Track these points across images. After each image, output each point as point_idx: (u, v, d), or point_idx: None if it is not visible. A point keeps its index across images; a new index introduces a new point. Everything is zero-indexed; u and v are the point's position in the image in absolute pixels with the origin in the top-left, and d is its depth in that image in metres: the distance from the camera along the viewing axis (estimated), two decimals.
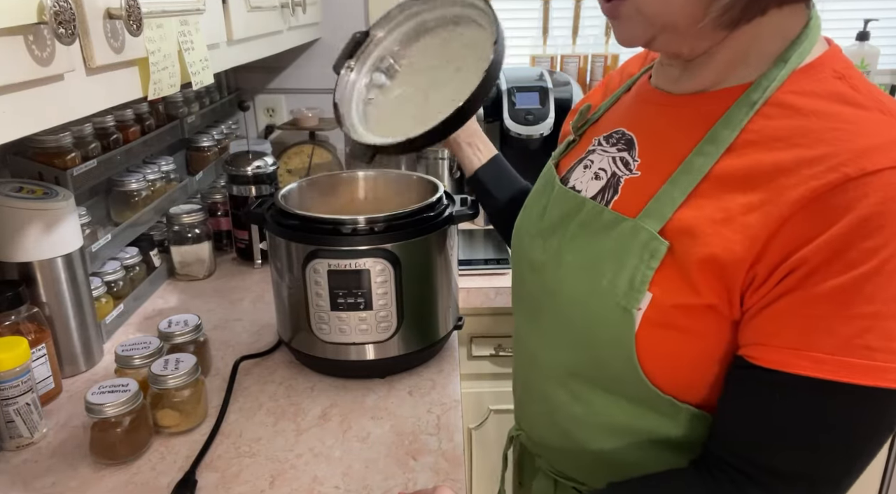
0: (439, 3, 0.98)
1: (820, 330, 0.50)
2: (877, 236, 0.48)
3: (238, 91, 1.78)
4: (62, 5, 0.50)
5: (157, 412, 0.83)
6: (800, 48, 0.55)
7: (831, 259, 0.49)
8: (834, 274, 0.49)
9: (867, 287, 0.49)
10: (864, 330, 0.49)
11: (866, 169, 0.48)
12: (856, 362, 0.49)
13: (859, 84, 0.54)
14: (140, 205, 1.22)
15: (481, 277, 1.31)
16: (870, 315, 0.49)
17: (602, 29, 1.72)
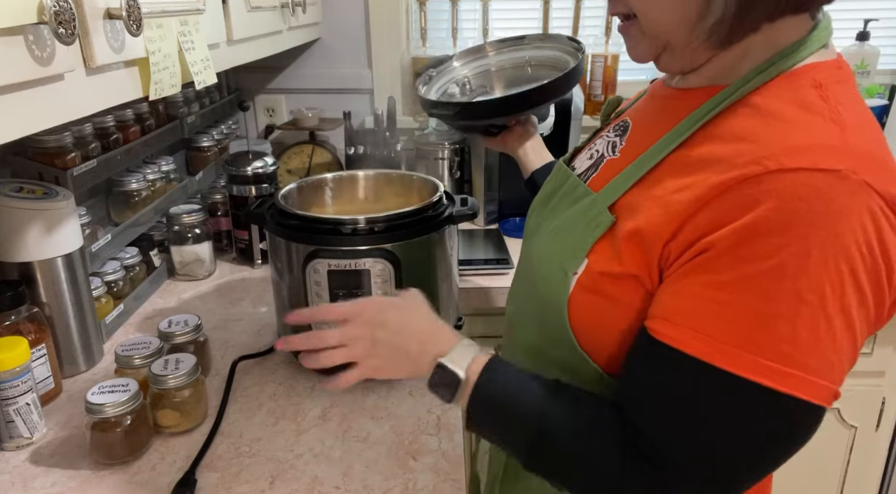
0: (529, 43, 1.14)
1: (717, 316, 0.51)
2: (781, 234, 0.49)
3: (238, 91, 1.78)
4: (62, 5, 0.50)
5: (157, 412, 0.83)
6: (792, 54, 0.56)
7: (737, 247, 0.50)
8: (737, 263, 0.50)
9: (764, 283, 0.49)
10: (756, 326, 0.50)
11: (784, 165, 0.49)
12: (741, 354, 0.50)
13: (832, 95, 0.54)
14: (140, 205, 1.22)
15: (481, 277, 1.31)
16: (763, 312, 0.49)
17: (602, 29, 1.72)
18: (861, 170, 0.48)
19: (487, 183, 1.57)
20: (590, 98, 1.74)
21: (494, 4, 1.71)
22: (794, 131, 0.52)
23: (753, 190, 0.50)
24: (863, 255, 0.48)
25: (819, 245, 0.48)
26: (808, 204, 0.48)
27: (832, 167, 0.48)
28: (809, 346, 0.49)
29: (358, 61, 1.75)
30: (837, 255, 0.48)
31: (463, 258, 1.34)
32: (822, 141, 0.50)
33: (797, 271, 0.48)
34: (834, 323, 0.49)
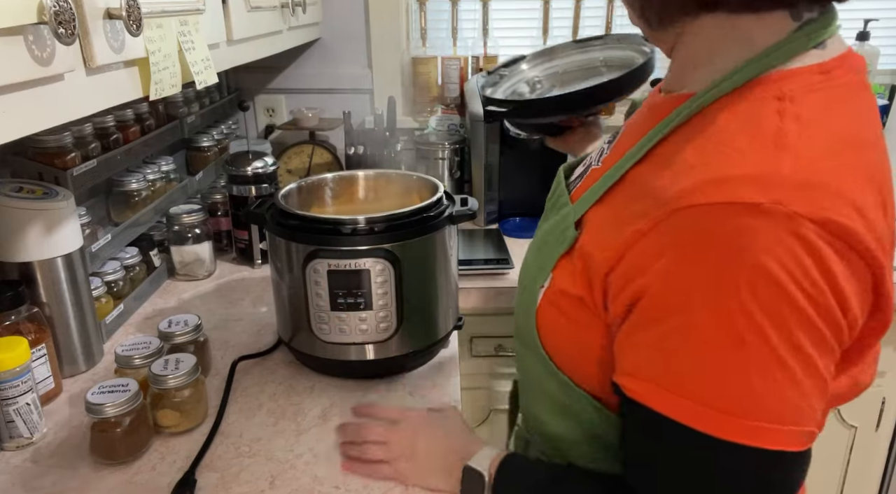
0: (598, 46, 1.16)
1: (670, 369, 0.49)
2: (704, 277, 0.46)
3: (238, 91, 1.78)
4: (62, 5, 0.50)
5: (157, 412, 0.83)
6: (764, 59, 0.51)
7: (666, 294, 0.48)
8: (671, 311, 0.48)
9: (701, 331, 0.47)
10: (707, 378, 0.47)
11: (697, 201, 0.46)
12: (695, 407, 0.48)
13: (794, 109, 0.49)
14: (140, 205, 1.22)
15: (481, 277, 1.31)
16: (711, 363, 0.47)
17: (602, 29, 1.72)
18: (790, 201, 0.44)
19: (487, 183, 1.57)
20: None
21: (494, 4, 1.71)
22: (726, 159, 0.48)
23: (670, 230, 0.48)
24: (802, 288, 0.44)
25: (745, 283, 0.45)
26: (724, 243, 0.45)
27: (752, 200, 0.44)
28: (766, 393, 0.46)
29: (358, 61, 1.75)
30: (769, 292, 0.44)
31: (463, 258, 1.34)
32: (748, 171, 0.46)
33: (731, 315, 0.45)
34: (789, 365, 0.46)
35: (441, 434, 0.78)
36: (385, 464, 0.76)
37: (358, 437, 0.80)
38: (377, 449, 0.78)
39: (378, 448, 0.78)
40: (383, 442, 0.78)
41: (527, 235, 1.54)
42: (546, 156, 1.57)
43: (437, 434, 0.78)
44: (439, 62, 1.73)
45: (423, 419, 0.81)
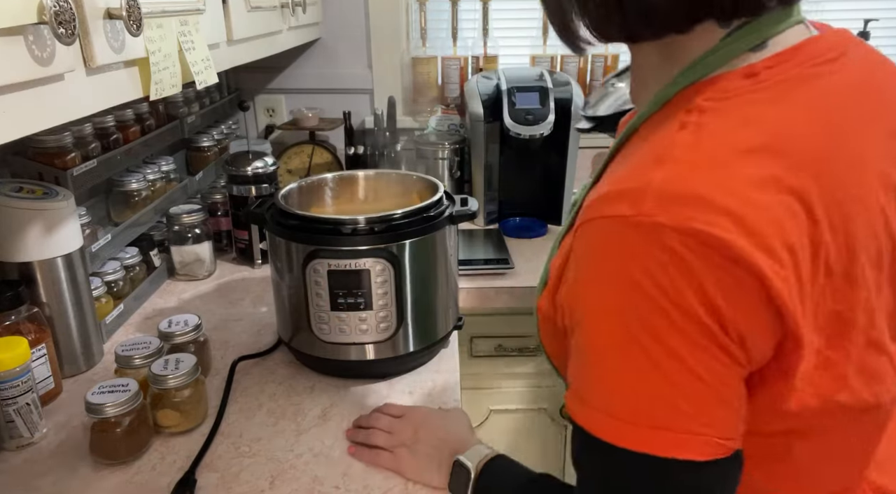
0: None
1: (575, 376, 0.52)
2: (586, 288, 0.49)
3: (238, 91, 1.78)
4: (62, 5, 0.50)
5: (157, 412, 0.83)
6: (691, 70, 0.51)
7: (570, 305, 0.51)
8: (573, 322, 0.51)
9: (588, 340, 0.49)
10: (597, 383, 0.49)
11: (585, 217, 0.48)
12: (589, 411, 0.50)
13: (697, 120, 0.48)
14: (140, 205, 1.22)
15: (481, 277, 1.31)
16: (599, 370, 0.49)
17: None
18: (657, 212, 0.44)
19: (487, 183, 1.57)
20: None
21: (494, 4, 1.71)
22: (619, 176, 0.49)
23: (574, 246, 0.51)
24: (668, 296, 0.44)
25: (617, 292, 0.46)
26: (598, 255, 0.47)
27: (620, 213, 0.46)
28: (653, 400, 0.46)
29: (358, 61, 1.75)
30: (639, 301, 0.45)
31: (463, 258, 1.34)
32: (627, 185, 0.47)
33: (606, 320, 0.47)
34: (668, 371, 0.45)
35: (442, 429, 0.81)
36: (386, 452, 0.79)
37: (368, 424, 0.84)
38: (380, 436, 0.81)
39: (382, 434, 0.81)
40: (388, 431, 0.81)
41: (527, 235, 1.54)
42: (546, 156, 1.57)
43: (438, 429, 0.80)
44: (439, 62, 1.73)
45: (428, 414, 0.84)
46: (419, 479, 0.77)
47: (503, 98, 1.49)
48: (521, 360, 1.36)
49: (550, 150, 1.56)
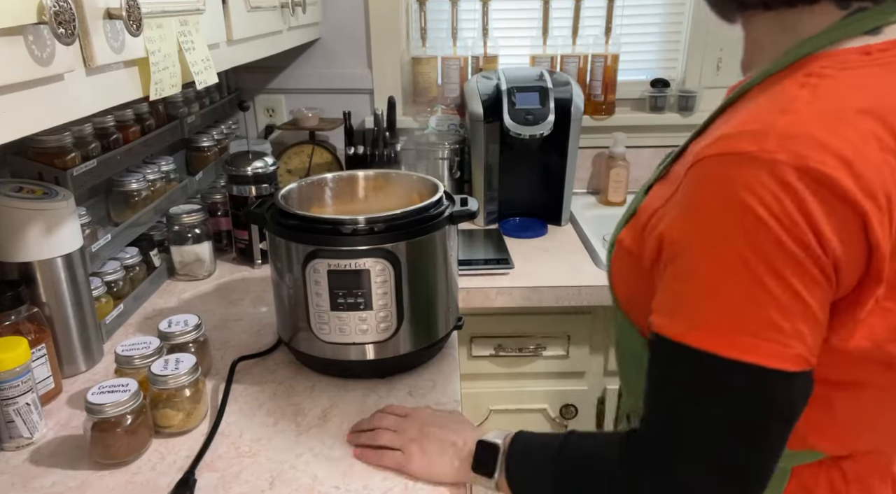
0: None
1: (676, 300, 0.57)
2: (700, 215, 0.54)
3: (238, 91, 1.78)
4: (62, 5, 0.50)
5: (157, 412, 0.83)
6: (808, 43, 0.58)
7: (674, 235, 0.57)
8: (678, 250, 0.56)
9: (696, 262, 0.55)
10: (699, 301, 0.55)
11: (705, 154, 0.54)
12: (689, 328, 0.55)
13: (816, 83, 0.55)
14: (140, 205, 1.22)
15: (481, 277, 1.31)
16: (701, 288, 0.54)
17: (602, 29, 1.72)
18: (777, 150, 0.51)
19: (487, 183, 1.57)
20: (589, 98, 1.74)
21: (494, 4, 1.71)
22: (740, 122, 0.55)
23: (686, 180, 0.56)
24: (783, 225, 0.50)
25: (732, 218, 0.52)
26: (719, 185, 0.53)
27: (743, 150, 0.52)
28: (751, 313, 0.52)
29: (358, 61, 1.75)
30: (750, 225, 0.51)
31: (463, 258, 1.34)
32: (750, 127, 0.53)
33: (721, 246, 0.52)
34: (771, 289, 0.51)
35: (448, 425, 0.81)
36: (393, 451, 0.79)
37: (372, 425, 0.84)
38: (386, 435, 0.81)
39: (388, 433, 0.81)
40: (394, 430, 0.81)
41: (526, 235, 1.54)
42: (546, 157, 1.57)
43: (444, 425, 0.81)
44: (439, 62, 1.73)
45: (433, 412, 0.86)
46: (429, 475, 0.77)
47: (503, 98, 1.49)
48: (521, 360, 1.37)
49: (550, 150, 1.56)
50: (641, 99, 1.79)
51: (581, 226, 1.58)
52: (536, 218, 1.62)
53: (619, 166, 1.71)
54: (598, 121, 1.75)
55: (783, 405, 0.54)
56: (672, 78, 1.80)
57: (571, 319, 1.33)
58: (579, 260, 1.39)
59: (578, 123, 1.52)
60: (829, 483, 0.65)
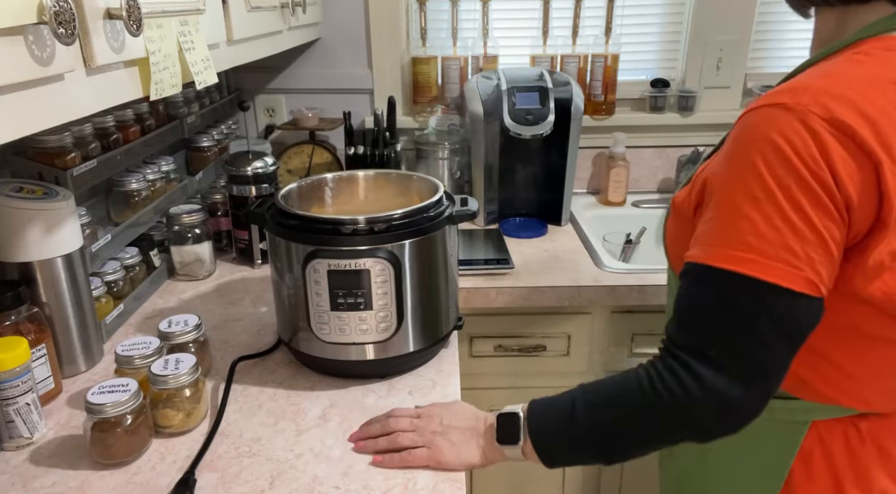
0: None
1: (710, 229, 0.64)
2: (736, 154, 0.62)
3: (238, 91, 1.78)
4: (62, 5, 0.50)
5: (157, 412, 0.83)
6: (865, 30, 0.66)
7: (716, 174, 0.65)
8: (716, 186, 0.64)
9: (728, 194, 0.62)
10: (727, 228, 0.62)
11: (750, 107, 0.63)
12: (716, 250, 0.62)
13: (858, 57, 0.64)
14: (140, 205, 1.22)
15: (481, 277, 1.31)
16: (731, 216, 0.62)
17: (602, 29, 1.72)
18: (810, 103, 0.59)
19: (487, 183, 1.57)
20: (590, 98, 1.74)
21: (494, 4, 1.71)
22: (791, 83, 0.63)
23: (732, 131, 0.65)
24: (805, 163, 0.58)
25: (761, 156, 0.60)
26: (754, 129, 0.61)
27: (780, 102, 0.60)
28: (769, 237, 0.59)
29: (358, 61, 1.75)
30: (777, 161, 0.59)
31: (463, 258, 1.34)
32: (791, 86, 0.62)
33: (748, 178, 0.60)
34: (789, 216, 0.59)
35: (466, 413, 0.83)
36: (419, 449, 0.79)
37: (387, 429, 0.83)
38: (406, 436, 0.81)
39: (408, 434, 0.81)
40: (412, 430, 0.81)
41: (526, 235, 1.54)
42: (546, 157, 1.57)
43: (462, 414, 0.83)
44: (439, 62, 1.73)
45: (446, 404, 0.86)
46: (461, 463, 0.78)
47: (503, 98, 1.49)
48: (521, 360, 1.36)
49: (550, 150, 1.56)
50: (641, 99, 1.79)
51: (581, 226, 1.58)
52: (536, 218, 1.62)
53: (619, 166, 1.71)
54: (598, 121, 1.75)
55: (789, 322, 0.60)
56: (672, 78, 1.80)
57: (571, 319, 1.33)
58: (579, 260, 1.39)
59: (578, 123, 1.52)
60: (844, 437, 0.71)
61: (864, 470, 0.71)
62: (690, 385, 0.63)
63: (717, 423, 0.64)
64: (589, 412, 0.70)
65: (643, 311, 1.32)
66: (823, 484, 0.72)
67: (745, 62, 1.75)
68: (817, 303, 0.61)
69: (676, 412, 0.64)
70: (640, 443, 0.69)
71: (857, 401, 0.70)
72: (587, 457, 0.72)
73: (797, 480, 0.73)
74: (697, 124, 1.77)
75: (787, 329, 0.61)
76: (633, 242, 1.62)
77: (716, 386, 0.62)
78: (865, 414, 0.71)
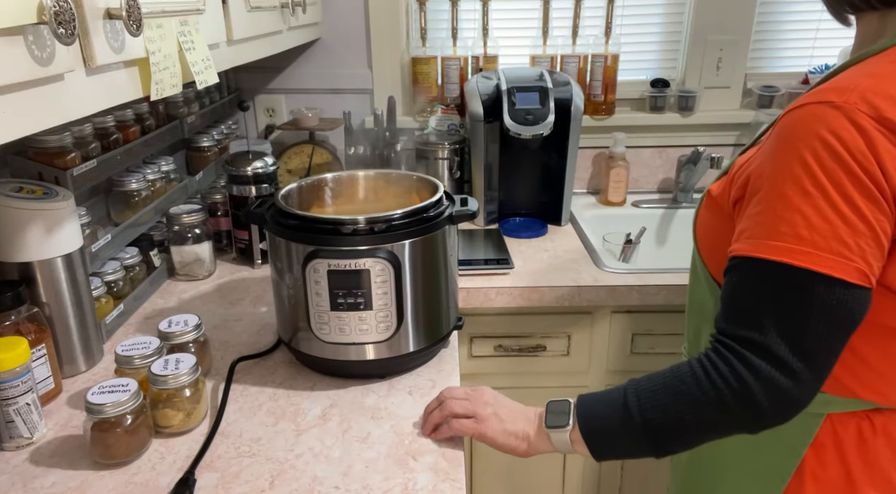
0: None
1: (757, 223, 0.65)
2: (784, 150, 0.64)
3: (238, 91, 1.78)
4: (62, 5, 0.50)
5: (157, 412, 0.83)
6: None
7: (762, 169, 0.66)
8: (763, 181, 0.65)
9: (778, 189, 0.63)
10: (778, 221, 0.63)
11: (798, 104, 0.64)
12: (767, 243, 0.64)
13: None
14: (140, 205, 1.22)
15: (481, 277, 1.31)
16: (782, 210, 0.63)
17: (602, 29, 1.72)
18: (857, 102, 0.61)
19: (487, 183, 1.57)
20: (590, 98, 1.74)
21: (494, 4, 1.71)
22: (836, 81, 0.64)
23: (776, 127, 0.66)
24: (854, 157, 0.60)
25: (811, 152, 0.62)
26: (802, 126, 0.63)
27: (828, 99, 0.62)
28: (822, 229, 0.61)
29: (358, 61, 1.75)
30: (828, 157, 0.61)
31: (463, 258, 1.34)
32: (837, 85, 0.63)
33: (798, 173, 0.62)
34: (841, 209, 0.61)
35: (512, 401, 0.84)
36: (467, 419, 0.81)
37: (440, 399, 0.85)
38: (459, 403, 0.83)
39: (461, 401, 0.83)
40: (465, 399, 0.83)
41: (526, 235, 1.54)
42: (546, 156, 1.57)
43: (509, 400, 0.84)
44: (439, 62, 1.73)
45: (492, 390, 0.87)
46: (504, 441, 0.79)
47: (503, 98, 1.49)
48: (521, 360, 1.36)
49: (550, 150, 1.56)
50: (641, 99, 1.79)
51: (581, 225, 1.58)
52: (536, 218, 1.62)
53: (619, 166, 1.71)
54: (598, 121, 1.75)
55: (842, 312, 0.62)
56: (672, 78, 1.80)
57: (571, 319, 1.33)
58: (579, 260, 1.39)
59: (578, 123, 1.52)
60: (857, 430, 0.73)
61: (876, 463, 0.72)
62: (747, 376, 0.64)
63: (771, 413, 0.65)
64: (642, 402, 0.70)
65: (643, 311, 1.32)
66: (835, 475, 0.73)
67: (744, 62, 1.75)
68: (867, 294, 0.62)
69: (733, 403, 0.65)
70: (693, 434, 0.69)
71: (877, 395, 0.71)
72: (637, 447, 0.72)
73: (809, 470, 0.74)
74: (697, 124, 1.77)
75: (840, 319, 0.62)
76: (633, 242, 1.62)
77: (771, 377, 0.63)
78: (880, 408, 0.72)
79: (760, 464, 0.77)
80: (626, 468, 1.45)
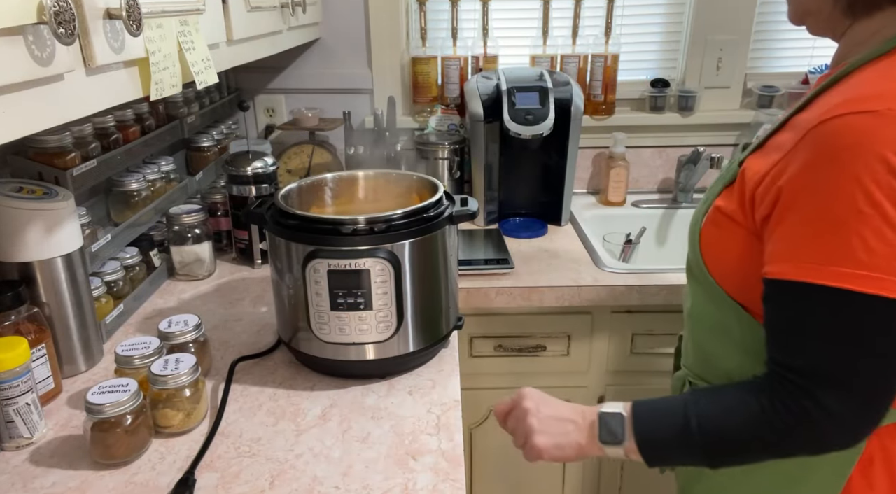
0: None
1: (804, 245, 0.62)
2: (829, 166, 0.60)
3: (238, 91, 1.78)
4: (62, 5, 0.50)
5: (157, 412, 0.83)
6: None
7: (801, 185, 0.62)
8: (804, 198, 0.61)
9: (828, 208, 0.60)
10: (832, 244, 0.59)
11: (834, 113, 0.60)
12: (823, 267, 0.60)
13: None
14: (140, 205, 1.22)
15: (481, 277, 1.31)
16: (835, 231, 0.59)
17: (602, 29, 1.72)
18: None
19: (487, 183, 1.57)
20: (589, 98, 1.74)
21: (494, 4, 1.71)
22: (861, 88, 0.62)
23: (807, 141, 0.62)
24: None
25: (863, 167, 0.58)
26: (847, 139, 0.59)
27: (870, 109, 0.59)
28: (881, 251, 0.58)
29: (358, 61, 1.75)
30: (885, 174, 0.57)
31: (463, 258, 1.34)
32: (872, 92, 0.60)
33: (850, 191, 0.58)
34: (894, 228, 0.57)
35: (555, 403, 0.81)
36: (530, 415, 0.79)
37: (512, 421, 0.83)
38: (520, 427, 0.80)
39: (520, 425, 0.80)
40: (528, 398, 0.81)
41: (526, 235, 1.54)
42: (546, 156, 1.57)
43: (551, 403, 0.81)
44: (439, 62, 1.73)
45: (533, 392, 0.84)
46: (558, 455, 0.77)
47: (503, 98, 1.49)
48: (521, 360, 1.37)
49: (550, 150, 1.56)
50: (641, 99, 1.79)
51: (581, 226, 1.58)
52: (536, 218, 1.62)
53: (619, 166, 1.71)
54: (598, 121, 1.75)
55: None
56: (672, 78, 1.80)
57: (571, 319, 1.33)
58: (579, 260, 1.39)
59: (578, 123, 1.52)
60: None
61: None
62: (816, 415, 0.62)
63: (839, 445, 0.65)
64: (705, 429, 0.68)
65: (643, 311, 1.32)
66: (883, 493, 0.71)
67: (744, 62, 1.75)
68: None
69: (803, 442, 0.65)
70: (754, 459, 0.69)
71: None
72: (693, 462, 0.71)
73: (856, 489, 0.72)
74: (697, 124, 1.77)
75: None
76: (633, 242, 1.62)
77: (841, 412, 0.62)
78: None
79: (805, 488, 0.75)
80: (626, 468, 1.45)
